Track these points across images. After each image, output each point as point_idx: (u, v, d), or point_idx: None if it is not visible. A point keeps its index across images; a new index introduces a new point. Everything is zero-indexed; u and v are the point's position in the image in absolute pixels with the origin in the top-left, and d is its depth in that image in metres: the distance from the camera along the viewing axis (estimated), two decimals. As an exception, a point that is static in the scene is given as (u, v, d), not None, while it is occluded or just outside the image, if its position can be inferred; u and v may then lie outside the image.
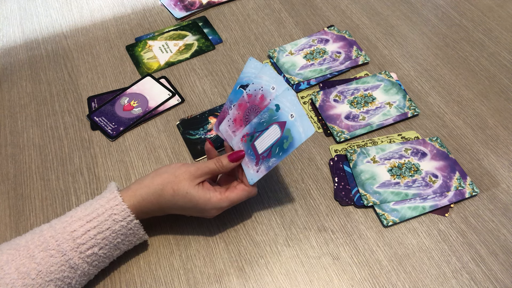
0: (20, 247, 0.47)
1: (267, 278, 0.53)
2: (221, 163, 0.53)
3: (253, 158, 0.53)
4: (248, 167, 0.53)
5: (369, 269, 0.53)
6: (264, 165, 0.52)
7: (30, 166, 0.64)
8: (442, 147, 0.64)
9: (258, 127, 0.53)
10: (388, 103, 0.69)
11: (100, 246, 0.48)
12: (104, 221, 0.48)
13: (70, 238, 0.47)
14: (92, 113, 0.70)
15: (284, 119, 0.51)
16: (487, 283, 0.52)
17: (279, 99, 0.52)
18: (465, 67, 0.75)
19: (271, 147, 0.51)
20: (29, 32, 0.83)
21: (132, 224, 0.50)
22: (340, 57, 0.76)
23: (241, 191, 0.52)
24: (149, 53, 0.79)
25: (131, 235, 0.51)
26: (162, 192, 0.51)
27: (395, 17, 0.84)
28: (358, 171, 0.61)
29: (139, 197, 0.50)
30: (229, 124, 0.56)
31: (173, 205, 0.51)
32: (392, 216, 0.57)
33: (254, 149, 0.53)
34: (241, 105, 0.55)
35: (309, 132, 0.49)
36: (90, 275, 0.50)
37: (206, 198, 0.51)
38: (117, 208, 0.49)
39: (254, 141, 0.53)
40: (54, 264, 0.46)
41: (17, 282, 0.44)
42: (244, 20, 0.84)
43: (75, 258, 0.47)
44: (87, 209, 0.49)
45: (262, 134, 0.52)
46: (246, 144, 0.54)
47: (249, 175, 0.53)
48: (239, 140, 0.55)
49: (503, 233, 0.56)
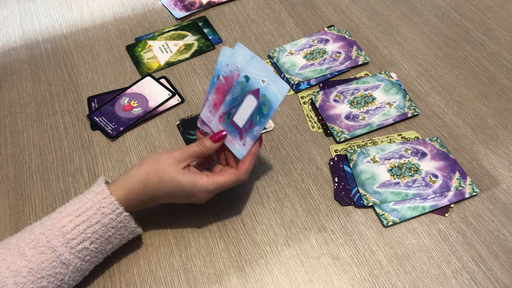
0: (11, 246, 0.47)
1: (267, 278, 0.53)
2: (204, 145, 0.53)
3: (236, 134, 0.53)
4: (233, 144, 0.53)
5: (369, 269, 0.53)
6: (249, 136, 0.52)
7: (30, 166, 0.64)
8: (442, 147, 0.64)
9: (233, 103, 0.53)
10: (388, 103, 0.69)
11: (90, 241, 0.48)
12: (93, 215, 0.48)
13: (59, 234, 0.47)
14: (92, 113, 0.70)
15: (257, 87, 0.51)
16: (487, 283, 0.52)
17: (246, 69, 0.51)
18: (465, 67, 0.75)
19: (251, 117, 0.51)
20: (29, 32, 0.83)
21: (122, 216, 0.49)
22: (340, 57, 0.76)
23: (230, 175, 0.52)
24: (149, 53, 0.79)
25: (122, 228, 0.50)
26: (148, 180, 0.50)
27: (395, 17, 0.84)
28: (358, 171, 0.61)
29: (126, 189, 0.50)
30: (210, 110, 0.55)
31: (160, 193, 0.51)
32: (392, 216, 0.57)
33: (235, 125, 0.53)
34: (219, 89, 0.55)
35: (284, 91, 0.49)
36: (83, 270, 0.49)
37: (192, 182, 0.50)
38: (105, 201, 0.49)
39: (232, 117, 0.53)
40: (45, 260, 0.46)
41: (9, 281, 0.44)
42: (244, 20, 0.84)
43: (66, 254, 0.47)
44: (75, 204, 0.49)
45: (239, 108, 0.52)
46: (225, 124, 0.54)
47: (236, 151, 0.53)
48: (217, 121, 0.54)
49: (503, 233, 0.56)
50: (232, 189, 0.61)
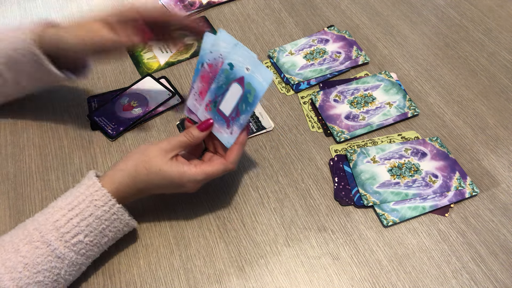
0: (5, 243, 0.47)
1: (267, 278, 0.53)
2: (191, 134, 0.53)
3: (223, 122, 0.53)
4: (221, 132, 0.53)
5: (369, 269, 0.53)
6: (236, 125, 0.51)
7: (30, 166, 0.64)
8: (442, 147, 0.64)
9: (218, 92, 0.53)
10: (388, 103, 0.69)
11: (85, 234, 0.48)
12: (86, 208, 0.48)
13: (53, 228, 0.47)
14: (92, 113, 0.70)
15: (241, 75, 0.50)
16: (487, 283, 0.52)
17: (230, 57, 0.51)
18: (465, 67, 0.75)
19: (237, 106, 0.51)
20: (29, 32, 0.83)
21: (115, 208, 0.50)
22: (340, 57, 0.76)
23: (218, 164, 0.52)
24: (149, 53, 0.79)
25: (116, 221, 0.50)
26: (136, 173, 0.50)
27: (395, 17, 0.84)
28: (358, 171, 0.61)
29: (117, 183, 0.50)
30: (196, 98, 0.55)
31: (149, 185, 0.51)
32: (392, 216, 0.57)
33: (221, 113, 0.53)
34: (203, 77, 0.54)
35: (268, 78, 0.48)
36: (80, 265, 0.49)
37: (180, 172, 0.50)
38: (97, 194, 0.49)
39: (219, 106, 0.53)
40: (40, 255, 0.46)
41: (4, 277, 0.44)
42: (244, 20, 0.84)
43: (61, 248, 0.47)
44: (67, 198, 0.49)
45: (225, 97, 0.52)
46: (212, 112, 0.53)
47: (224, 139, 0.53)
48: (204, 110, 0.54)
49: (503, 233, 0.56)
50: (232, 189, 0.61)
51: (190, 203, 0.59)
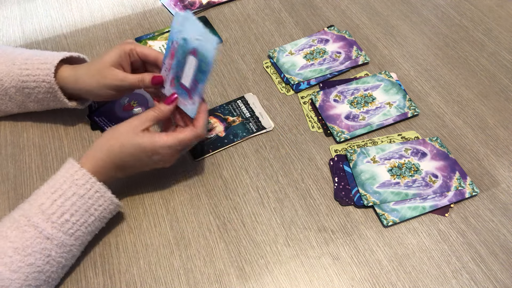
0: None
1: (267, 278, 0.53)
2: (159, 109, 0.55)
3: (186, 95, 0.55)
4: (185, 105, 0.55)
5: (369, 269, 0.53)
6: (197, 95, 0.54)
7: (30, 166, 0.64)
8: (442, 147, 0.64)
9: (179, 67, 0.55)
10: (388, 103, 0.69)
11: (70, 213, 0.49)
12: (68, 188, 0.50)
13: (39, 212, 0.48)
14: (92, 113, 0.70)
15: (194, 46, 0.52)
16: (487, 283, 0.52)
17: (184, 31, 0.53)
18: (465, 67, 0.75)
19: (195, 77, 0.53)
20: (29, 32, 0.83)
21: (96, 186, 0.51)
22: (340, 57, 0.76)
23: (188, 130, 0.54)
24: (149, 53, 0.79)
25: (100, 199, 0.52)
26: (110, 147, 0.53)
27: (395, 17, 0.84)
28: (358, 171, 0.61)
29: (92, 160, 0.53)
30: (167, 73, 0.57)
31: (124, 158, 0.53)
32: (392, 216, 0.57)
33: (183, 86, 0.55)
34: (172, 54, 0.56)
35: (214, 42, 0.50)
36: (70, 246, 0.50)
37: (151, 141, 0.53)
38: (77, 173, 0.51)
39: (180, 80, 0.55)
40: (29, 238, 0.47)
41: None
42: (244, 20, 0.84)
43: (48, 229, 0.48)
44: (49, 183, 0.51)
45: (184, 70, 0.54)
46: (175, 87, 0.56)
47: (188, 110, 0.55)
48: (169, 86, 0.57)
49: (503, 233, 0.56)
50: (232, 189, 0.61)
51: (190, 203, 0.59)
